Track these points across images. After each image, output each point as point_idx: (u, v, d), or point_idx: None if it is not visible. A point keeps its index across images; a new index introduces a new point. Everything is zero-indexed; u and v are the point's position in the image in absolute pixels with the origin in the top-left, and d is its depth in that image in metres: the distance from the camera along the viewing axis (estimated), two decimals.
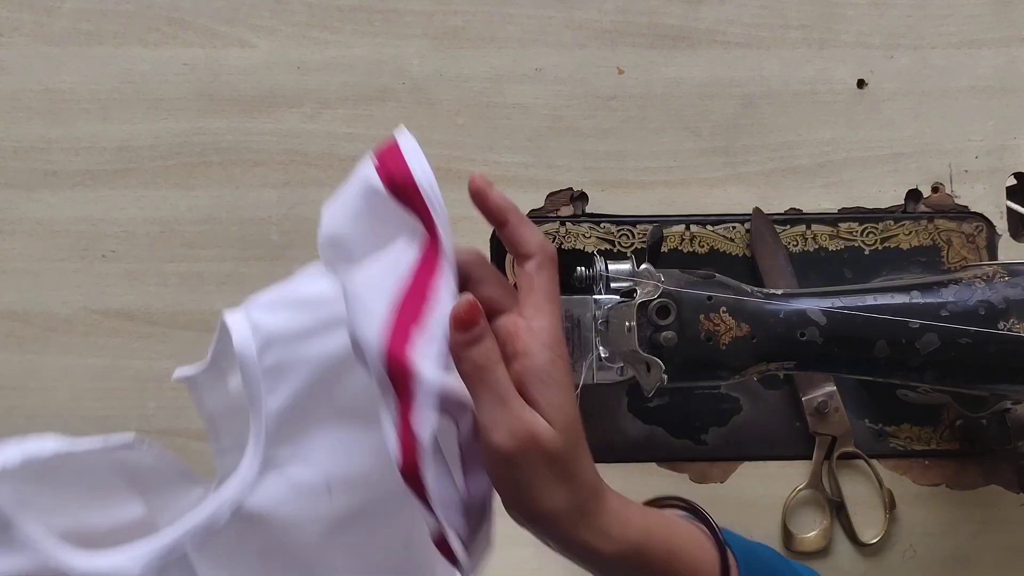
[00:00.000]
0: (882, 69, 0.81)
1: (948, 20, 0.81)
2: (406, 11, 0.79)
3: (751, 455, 0.78)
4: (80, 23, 0.78)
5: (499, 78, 0.79)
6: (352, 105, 0.78)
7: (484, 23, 0.79)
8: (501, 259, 0.78)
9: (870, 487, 0.78)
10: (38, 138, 0.76)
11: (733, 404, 0.79)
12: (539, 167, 0.79)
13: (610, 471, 0.77)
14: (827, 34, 0.80)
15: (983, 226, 0.80)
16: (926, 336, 0.64)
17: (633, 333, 0.65)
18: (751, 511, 0.78)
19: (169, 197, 0.77)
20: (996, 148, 0.81)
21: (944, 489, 0.79)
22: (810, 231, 0.80)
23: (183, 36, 0.78)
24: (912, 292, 0.66)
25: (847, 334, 0.65)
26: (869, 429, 0.79)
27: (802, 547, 0.78)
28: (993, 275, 0.65)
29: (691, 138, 0.80)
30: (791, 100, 0.80)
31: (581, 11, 0.80)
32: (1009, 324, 0.64)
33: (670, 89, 0.80)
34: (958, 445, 0.79)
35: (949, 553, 0.78)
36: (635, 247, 0.79)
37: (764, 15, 0.80)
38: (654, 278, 0.66)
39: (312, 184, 0.77)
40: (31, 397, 0.78)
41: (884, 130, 0.81)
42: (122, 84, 0.78)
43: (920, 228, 0.80)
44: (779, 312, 0.66)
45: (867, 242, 0.80)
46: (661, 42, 0.80)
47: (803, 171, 0.80)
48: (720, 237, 0.80)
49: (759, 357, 0.66)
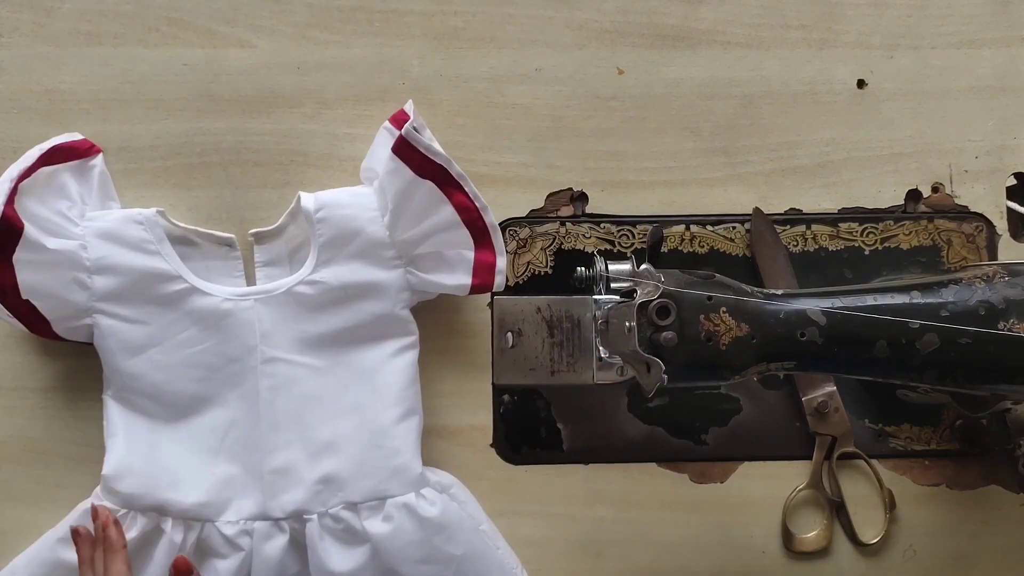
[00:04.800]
0: (882, 69, 0.81)
1: (948, 20, 0.81)
2: (406, 11, 0.79)
3: (751, 455, 0.78)
4: (80, 23, 0.78)
5: (499, 78, 0.79)
6: (352, 105, 0.78)
7: (484, 23, 0.79)
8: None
9: (870, 487, 0.78)
10: (38, 138, 0.76)
11: (733, 404, 0.79)
12: (539, 167, 0.79)
13: (610, 471, 0.77)
14: (827, 34, 0.80)
15: (983, 226, 0.80)
16: (926, 336, 0.64)
17: (633, 333, 0.65)
18: (751, 511, 0.78)
19: (169, 197, 0.77)
20: (996, 148, 0.81)
21: (944, 489, 0.79)
22: (810, 231, 0.80)
23: (183, 36, 0.78)
24: (912, 292, 0.66)
25: (847, 334, 0.65)
26: (869, 429, 0.79)
27: (802, 547, 0.78)
28: (993, 275, 0.66)
29: (691, 138, 0.80)
30: (791, 100, 0.80)
31: (581, 11, 0.80)
32: (1009, 324, 0.64)
33: (670, 89, 0.80)
34: (958, 445, 0.79)
35: (949, 553, 0.78)
36: (635, 247, 0.79)
37: (764, 15, 0.80)
38: (654, 278, 0.66)
39: (312, 184, 0.77)
40: None
41: (884, 130, 0.81)
42: (122, 84, 0.78)
43: (920, 228, 0.80)
44: (779, 312, 0.66)
45: (867, 242, 0.80)
46: (661, 42, 0.80)
47: (803, 171, 0.80)
48: (720, 237, 0.80)
49: (759, 357, 0.66)
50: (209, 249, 0.76)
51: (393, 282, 0.73)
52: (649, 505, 0.78)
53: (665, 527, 0.77)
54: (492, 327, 0.77)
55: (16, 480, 0.76)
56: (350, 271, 0.73)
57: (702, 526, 0.74)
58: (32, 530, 0.75)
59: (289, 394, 0.72)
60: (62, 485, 0.75)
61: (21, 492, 0.76)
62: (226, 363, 0.73)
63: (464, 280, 0.73)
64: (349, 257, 0.73)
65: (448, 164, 0.71)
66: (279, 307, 0.73)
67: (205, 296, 0.73)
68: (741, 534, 0.78)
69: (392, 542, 0.70)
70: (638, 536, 0.77)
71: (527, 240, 0.79)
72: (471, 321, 0.78)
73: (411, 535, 0.70)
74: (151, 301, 0.72)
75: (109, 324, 0.71)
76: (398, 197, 0.72)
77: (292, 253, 0.76)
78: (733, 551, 0.78)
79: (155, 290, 0.72)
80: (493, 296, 0.77)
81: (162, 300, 0.72)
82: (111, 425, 0.72)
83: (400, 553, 0.70)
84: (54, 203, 0.72)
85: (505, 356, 0.76)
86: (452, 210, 0.71)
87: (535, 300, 0.76)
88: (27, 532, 0.75)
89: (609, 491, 0.74)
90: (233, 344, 0.73)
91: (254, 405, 0.72)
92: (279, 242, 0.76)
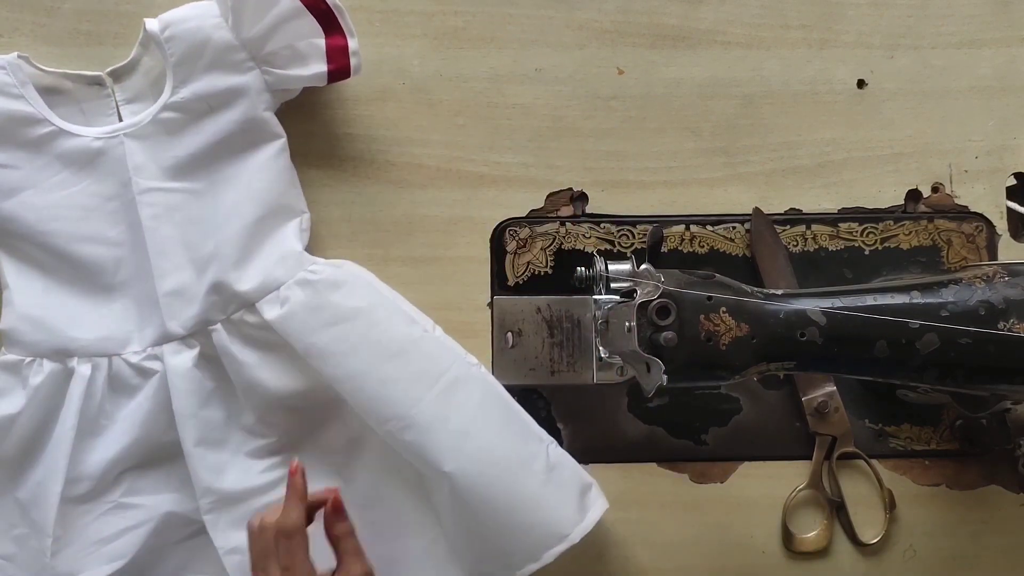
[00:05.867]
0: (882, 69, 0.81)
1: (948, 20, 0.81)
2: (406, 11, 0.79)
3: (751, 455, 0.78)
4: (80, 23, 0.78)
5: (499, 78, 0.79)
6: (352, 105, 0.78)
7: (484, 23, 0.79)
8: (501, 258, 0.78)
9: (870, 487, 0.78)
10: None
11: (733, 404, 0.79)
12: (539, 167, 0.79)
13: (610, 471, 0.77)
14: (827, 34, 0.80)
15: (983, 226, 0.80)
16: (926, 336, 0.64)
17: (633, 333, 0.65)
18: (751, 511, 0.78)
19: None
20: (996, 148, 0.81)
21: (944, 489, 0.79)
22: (810, 231, 0.80)
23: None
24: (912, 292, 0.66)
25: (847, 334, 0.65)
26: (869, 429, 0.79)
27: (802, 547, 0.78)
28: (993, 275, 0.66)
29: (691, 138, 0.80)
30: (791, 100, 0.80)
31: (581, 11, 0.80)
32: (1009, 324, 0.64)
33: (670, 89, 0.80)
34: (958, 445, 0.79)
35: (949, 553, 0.78)
36: (635, 247, 0.79)
37: (764, 15, 0.80)
38: (654, 278, 0.66)
39: (313, 184, 0.77)
40: None
41: (884, 130, 0.81)
42: None
43: (920, 228, 0.80)
44: (779, 312, 0.66)
45: (867, 242, 0.80)
46: (661, 42, 0.80)
47: (803, 171, 0.80)
48: (720, 237, 0.79)
49: (759, 357, 0.66)
50: (80, 91, 0.75)
51: (250, 84, 0.73)
52: (649, 505, 0.78)
53: (665, 527, 0.77)
54: (492, 327, 0.77)
55: None
56: (207, 84, 0.73)
57: (702, 526, 0.74)
58: None
59: (172, 220, 0.73)
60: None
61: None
62: (103, 201, 0.73)
63: (320, 68, 0.73)
64: (203, 70, 0.73)
65: None
66: (148, 138, 0.73)
67: (74, 138, 0.73)
68: (741, 534, 0.78)
69: (293, 319, 0.71)
70: (638, 536, 0.77)
71: (527, 240, 0.79)
72: (471, 321, 0.77)
73: (308, 303, 0.71)
74: (18, 146, 0.73)
75: None
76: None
77: (152, 85, 0.76)
78: (733, 551, 0.78)
79: (21, 134, 0.72)
80: (493, 296, 0.77)
81: (29, 144, 0.73)
82: (3, 278, 0.73)
83: (304, 325, 0.71)
84: None
85: (505, 356, 0.76)
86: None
87: (535, 300, 0.76)
88: None
89: (609, 491, 0.74)
90: (108, 182, 0.73)
91: (139, 237, 0.73)
92: (137, 76, 0.76)
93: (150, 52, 0.75)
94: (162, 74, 0.74)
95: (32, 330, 0.72)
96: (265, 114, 0.74)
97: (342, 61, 0.74)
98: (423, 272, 0.78)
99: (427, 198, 0.79)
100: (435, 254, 0.78)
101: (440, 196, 0.79)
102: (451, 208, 0.79)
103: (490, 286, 0.78)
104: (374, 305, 0.73)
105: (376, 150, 0.79)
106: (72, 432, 0.70)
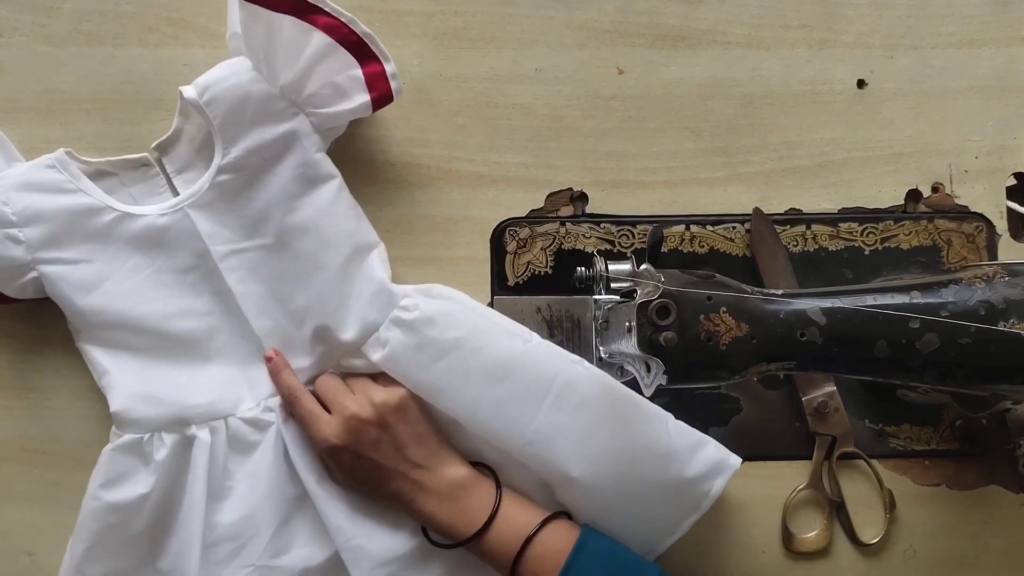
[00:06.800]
0: (882, 69, 0.81)
1: (948, 20, 0.81)
2: (406, 11, 0.79)
3: (751, 455, 0.78)
4: (80, 23, 0.78)
5: (499, 78, 0.79)
6: None
7: (484, 23, 0.79)
8: (501, 258, 0.78)
9: (870, 487, 0.78)
10: (38, 138, 0.76)
11: (733, 404, 0.79)
12: (539, 167, 0.79)
13: None
14: (827, 34, 0.80)
15: (983, 226, 0.80)
16: (926, 336, 0.64)
17: (633, 333, 0.65)
18: (751, 511, 0.78)
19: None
20: (996, 148, 0.81)
21: (944, 489, 0.79)
22: (810, 231, 0.80)
23: (183, 36, 0.78)
24: (912, 292, 0.66)
25: (847, 334, 0.65)
26: (869, 429, 0.79)
27: (802, 547, 0.78)
28: (993, 275, 0.65)
29: (691, 138, 0.80)
30: (791, 100, 0.80)
31: (581, 11, 0.80)
32: (1009, 324, 0.64)
33: (670, 89, 0.80)
34: (958, 445, 0.79)
35: (949, 553, 0.78)
36: (635, 247, 0.79)
37: (764, 15, 0.80)
38: (654, 278, 0.66)
39: None
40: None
41: (884, 130, 0.81)
42: (122, 84, 0.78)
43: (920, 228, 0.80)
44: (779, 312, 0.66)
45: (867, 242, 0.80)
46: (661, 42, 0.80)
47: (803, 171, 0.80)
48: (720, 237, 0.79)
49: (759, 357, 0.66)
50: (127, 176, 0.75)
51: (298, 129, 0.73)
52: None
53: None
54: None
55: (16, 480, 0.76)
56: (255, 138, 0.72)
57: (702, 526, 0.74)
58: (32, 531, 0.75)
59: (257, 278, 0.73)
60: (62, 485, 0.75)
61: (21, 492, 0.76)
62: (181, 275, 0.74)
63: (363, 98, 0.73)
64: (249, 126, 0.72)
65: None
66: (211, 204, 0.73)
67: (138, 218, 0.73)
68: (741, 534, 0.78)
69: (398, 360, 0.71)
70: None
71: (527, 240, 0.79)
72: None
73: (408, 342, 0.71)
74: (87, 238, 0.72)
75: (54, 271, 0.72)
76: (264, 43, 0.71)
77: (199, 151, 0.76)
78: (733, 551, 0.78)
79: (88, 226, 0.72)
80: (493, 296, 0.77)
81: (98, 234, 0.72)
82: (98, 367, 0.73)
83: (410, 363, 0.71)
84: None
85: None
86: (321, 35, 0.71)
87: (535, 300, 0.76)
88: (27, 532, 0.76)
89: None
90: (181, 256, 0.73)
91: (229, 302, 0.73)
92: (182, 145, 0.76)
93: (191, 119, 0.75)
94: (207, 139, 0.74)
95: (146, 406, 0.71)
96: (317, 156, 0.74)
97: (383, 87, 0.73)
98: (423, 272, 0.78)
99: (427, 198, 0.79)
100: (435, 254, 0.78)
101: (440, 196, 0.79)
102: (451, 208, 0.79)
103: (490, 286, 0.78)
104: (473, 330, 0.72)
105: (376, 150, 0.79)
106: (203, 500, 0.70)
